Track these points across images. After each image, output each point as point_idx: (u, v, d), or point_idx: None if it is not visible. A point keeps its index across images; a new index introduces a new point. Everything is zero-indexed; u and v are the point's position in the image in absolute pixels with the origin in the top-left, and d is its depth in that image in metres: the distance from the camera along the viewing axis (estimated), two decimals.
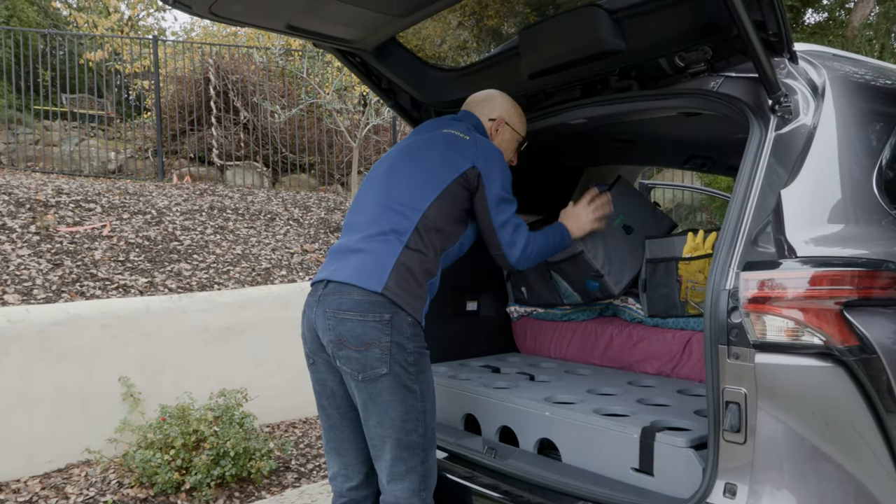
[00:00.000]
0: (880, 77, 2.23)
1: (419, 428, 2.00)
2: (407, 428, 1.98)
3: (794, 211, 1.73)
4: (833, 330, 1.57)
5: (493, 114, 2.47)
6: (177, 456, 3.85)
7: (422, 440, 2.01)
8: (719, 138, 3.45)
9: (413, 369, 1.99)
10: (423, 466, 2.03)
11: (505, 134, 2.48)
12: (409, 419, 1.98)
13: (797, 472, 1.60)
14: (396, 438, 1.98)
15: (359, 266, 2.03)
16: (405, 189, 2.16)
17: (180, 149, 10.08)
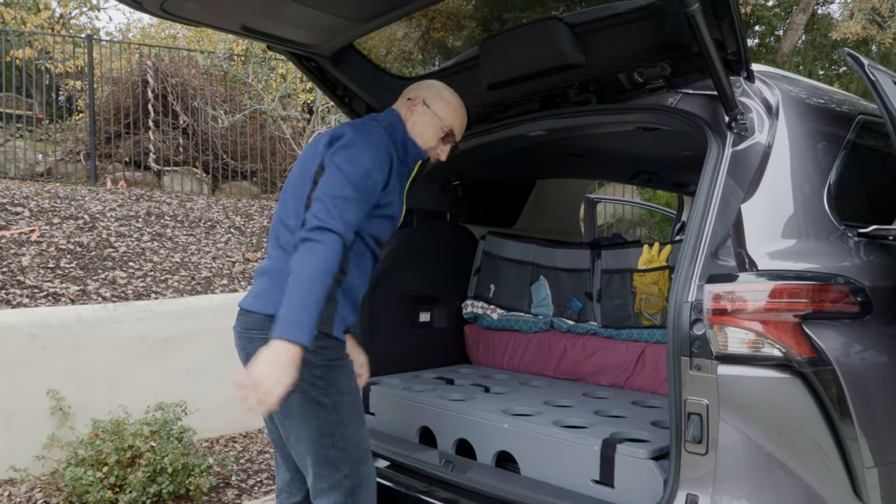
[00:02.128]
0: (825, 100, 2.32)
1: (337, 442, 1.93)
2: (323, 443, 1.92)
3: (753, 225, 1.77)
4: (792, 342, 1.61)
5: (412, 93, 2.22)
6: (110, 473, 3.66)
7: (341, 454, 1.94)
8: (666, 155, 3.54)
9: (322, 383, 1.92)
10: (348, 481, 1.95)
11: (423, 116, 2.16)
12: (325, 434, 1.92)
13: (757, 481, 1.63)
14: (314, 454, 1.93)
15: (258, 291, 2.04)
16: (290, 202, 2.09)
17: (115, 152, 9.70)
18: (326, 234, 1.81)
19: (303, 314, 1.73)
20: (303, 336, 1.71)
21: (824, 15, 13.26)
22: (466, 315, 3.32)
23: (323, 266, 1.78)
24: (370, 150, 1.96)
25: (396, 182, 2.07)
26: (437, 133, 2.18)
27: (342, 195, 1.87)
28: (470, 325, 3.36)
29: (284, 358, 1.68)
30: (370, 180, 1.93)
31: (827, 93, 2.42)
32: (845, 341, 1.75)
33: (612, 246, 2.88)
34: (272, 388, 1.67)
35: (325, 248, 1.80)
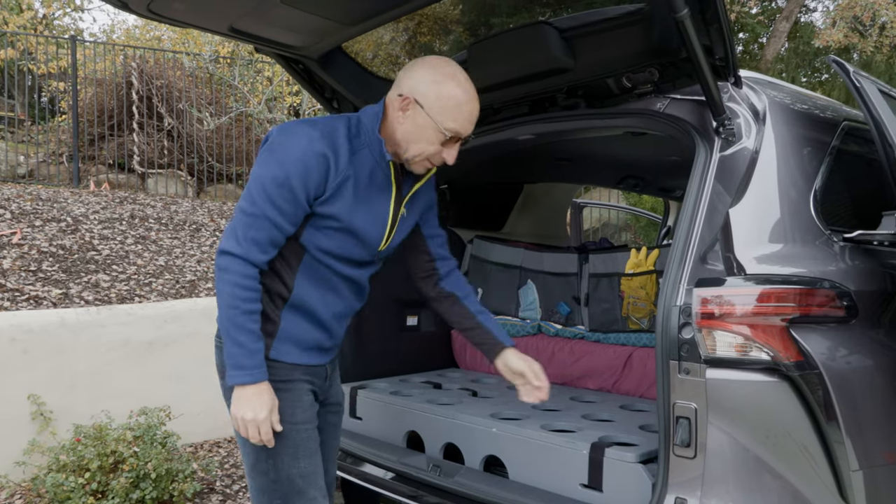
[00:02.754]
0: (810, 105, 2.34)
1: (269, 472, 1.81)
2: (258, 469, 1.82)
3: (741, 230, 1.78)
4: (779, 346, 1.62)
5: (404, 87, 1.80)
6: (92, 479, 3.62)
7: (272, 485, 1.81)
8: (652, 160, 3.56)
9: None
10: None
11: (416, 119, 1.78)
12: (259, 460, 1.82)
13: (744, 484, 1.64)
14: (250, 478, 1.86)
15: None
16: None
17: (98, 154, 9.61)
18: (225, 258, 1.74)
19: (237, 351, 1.71)
20: (246, 376, 1.71)
21: (807, 23, 13.44)
22: None
23: (230, 296, 1.71)
24: (289, 155, 1.72)
25: (352, 189, 1.79)
26: (435, 138, 1.79)
27: (249, 210, 1.74)
28: None
29: (245, 400, 1.72)
30: (286, 191, 1.72)
31: (811, 99, 2.44)
32: (831, 345, 1.77)
33: (600, 250, 2.89)
34: (252, 429, 1.72)
35: (227, 276, 1.72)
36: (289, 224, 1.76)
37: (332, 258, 1.84)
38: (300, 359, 1.87)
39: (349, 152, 1.79)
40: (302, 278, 1.84)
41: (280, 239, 1.77)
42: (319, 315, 1.88)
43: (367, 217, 1.85)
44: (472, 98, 1.83)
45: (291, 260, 1.83)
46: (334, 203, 1.78)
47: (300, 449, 1.83)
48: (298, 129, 1.78)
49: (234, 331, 1.71)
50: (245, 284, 1.72)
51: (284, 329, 1.84)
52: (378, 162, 1.83)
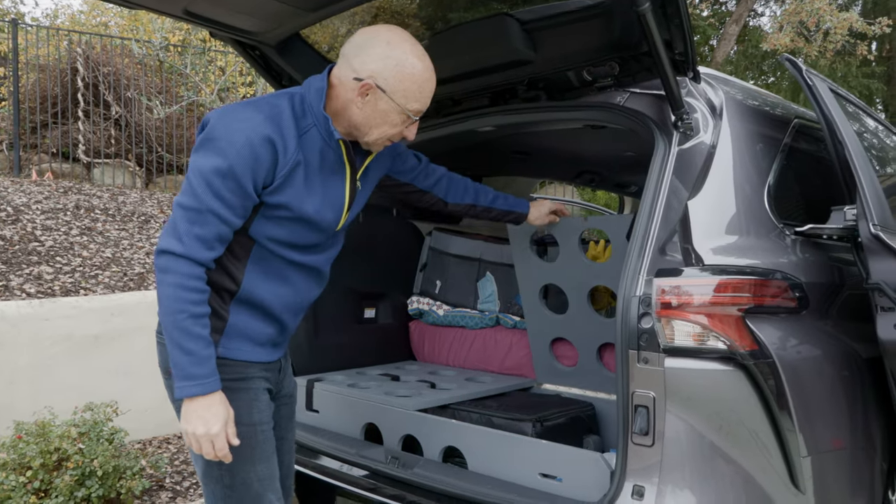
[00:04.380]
0: (761, 102, 2.40)
1: (223, 477, 1.70)
2: (211, 475, 1.71)
3: (698, 222, 1.82)
4: (735, 335, 1.65)
5: (363, 70, 1.65)
6: (34, 477, 3.48)
7: (227, 492, 1.70)
8: (609, 156, 3.60)
9: None
10: None
11: (377, 105, 1.67)
12: (211, 466, 1.70)
13: (700, 471, 1.67)
14: (203, 485, 1.75)
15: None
16: None
17: (41, 143, 9.26)
18: (166, 258, 1.57)
19: (185, 360, 1.56)
20: (195, 387, 1.56)
21: (755, 27, 13.81)
22: (412, 311, 3.30)
23: (174, 299, 1.55)
24: (232, 142, 1.57)
25: (303, 174, 1.67)
26: (398, 121, 1.71)
27: (190, 205, 1.58)
28: (415, 321, 3.34)
29: (195, 414, 1.57)
30: (230, 180, 1.57)
31: (763, 96, 2.50)
32: (783, 335, 1.81)
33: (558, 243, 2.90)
34: (206, 445, 1.58)
35: (168, 277, 1.56)
36: (236, 217, 1.62)
37: (284, 247, 1.73)
38: (253, 356, 1.76)
39: (297, 134, 1.66)
40: (251, 270, 1.71)
41: (227, 234, 1.63)
42: (271, 309, 1.76)
43: (320, 202, 1.73)
44: (432, 72, 1.74)
45: (239, 252, 1.70)
46: (284, 191, 1.65)
47: (257, 452, 1.72)
48: (239, 112, 1.63)
49: (181, 337, 1.55)
50: (190, 286, 1.56)
51: (233, 325, 1.71)
52: (327, 142, 1.70)
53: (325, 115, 1.68)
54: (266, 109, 1.64)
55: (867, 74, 12.81)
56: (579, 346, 2.65)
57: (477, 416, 2.42)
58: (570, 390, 2.78)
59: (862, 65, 12.62)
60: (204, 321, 1.59)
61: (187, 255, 1.57)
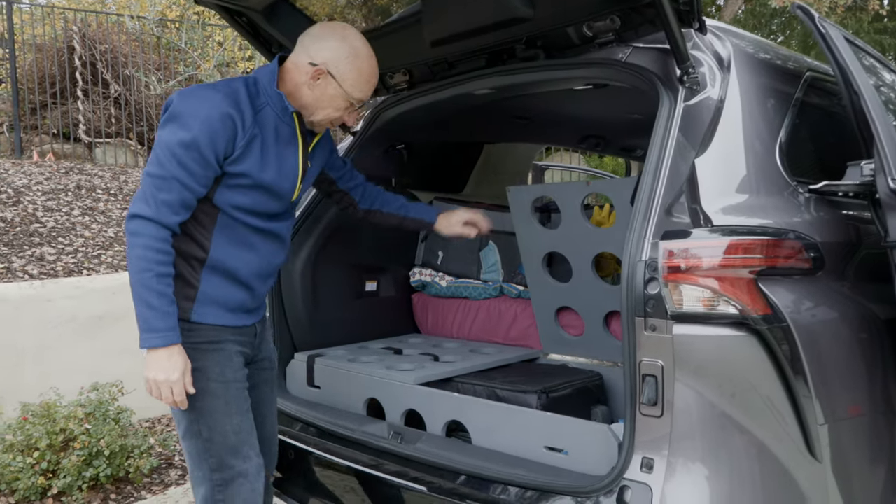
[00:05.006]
0: (773, 55, 2.28)
1: (202, 432, 1.85)
2: (191, 431, 1.86)
3: (707, 181, 1.72)
4: (747, 299, 1.57)
5: (318, 56, 1.88)
6: (42, 458, 3.48)
7: (206, 445, 1.85)
8: (614, 119, 3.49)
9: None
10: (215, 475, 1.86)
11: (327, 90, 1.89)
12: (192, 422, 1.85)
13: (711, 441, 1.60)
14: (184, 442, 1.89)
15: None
16: None
17: (41, 124, 9.18)
18: (136, 222, 1.73)
19: (149, 314, 1.71)
20: (157, 339, 1.72)
21: None
22: (414, 283, 3.23)
23: (142, 259, 1.71)
24: (195, 119, 1.74)
25: (260, 145, 1.84)
26: (342, 106, 1.93)
27: (157, 174, 1.75)
28: (418, 293, 3.27)
29: (157, 363, 1.73)
30: (194, 152, 1.74)
31: (774, 49, 2.38)
32: (797, 298, 1.73)
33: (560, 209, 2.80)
34: (165, 390, 1.75)
35: (138, 239, 1.72)
36: (199, 185, 1.78)
37: (247, 214, 1.88)
38: (226, 320, 1.90)
39: (252, 112, 1.84)
40: (218, 238, 1.86)
41: (191, 200, 1.79)
42: (240, 275, 1.90)
43: (277, 171, 1.90)
44: (376, 69, 1.98)
45: (206, 221, 1.85)
46: (244, 161, 1.82)
47: (232, 406, 1.87)
48: (200, 92, 1.82)
49: (146, 293, 1.70)
50: (157, 248, 1.72)
51: (205, 291, 1.86)
52: (281, 117, 1.89)
53: (278, 93, 1.89)
54: (223, 89, 1.83)
55: (879, 30, 12.47)
56: (585, 315, 2.58)
57: (481, 388, 2.36)
58: (577, 360, 2.72)
59: (874, 20, 12.29)
60: (168, 281, 1.74)
61: (155, 219, 1.72)
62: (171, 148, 1.74)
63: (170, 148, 1.74)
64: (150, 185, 1.75)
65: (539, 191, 2.73)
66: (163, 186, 1.73)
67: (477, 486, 1.88)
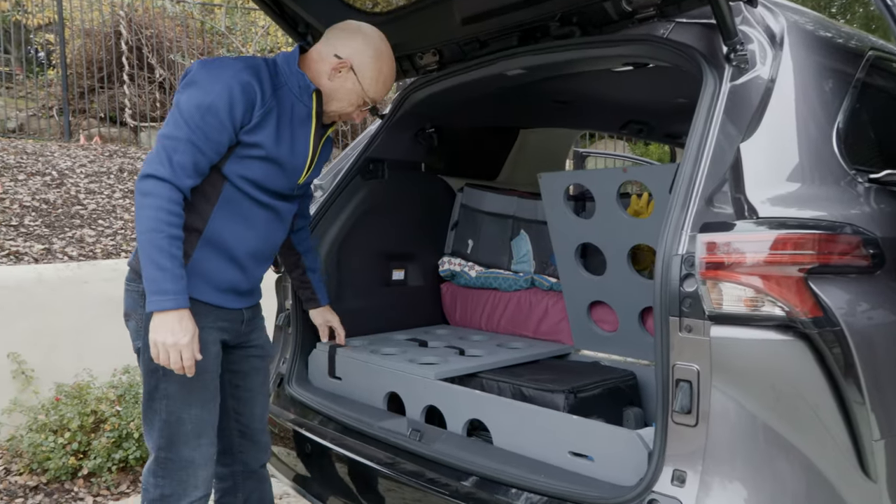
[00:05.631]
0: (833, 33, 2.09)
1: (160, 411, 1.84)
2: (152, 407, 1.86)
3: (753, 168, 1.57)
4: (796, 299, 1.41)
5: (343, 51, 1.91)
6: (73, 439, 3.50)
7: (162, 425, 1.85)
8: (657, 102, 3.31)
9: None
10: (161, 453, 1.87)
11: (346, 83, 1.92)
12: (154, 399, 1.85)
13: (752, 457, 1.45)
14: (143, 412, 1.89)
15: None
16: None
17: (89, 107, 9.35)
18: (150, 182, 1.70)
19: (159, 276, 1.67)
20: (168, 301, 1.68)
21: None
22: (443, 272, 3.12)
23: (154, 219, 1.68)
24: (214, 84, 1.74)
25: (276, 120, 1.84)
26: (357, 102, 1.96)
27: (173, 135, 1.72)
28: (447, 283, 3.16)
29: (166, 326, 1.68)
30: (212, 116, 1.73)
31: (833, 25, 2.19)
32: (853, 299, 1.56)
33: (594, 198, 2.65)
34: (174, 354, 1.69)
35: (151, 200, 1.69)
36: (213, 152, 1.77)
37: (254, 188, 1.87)
38: (213, 298, 1.87)
39: (271, 87, 1.84)
40: (220, 211, 1.84)
41: (204, 166, 1.77)
42: (234, 251, 1.88)
43: (290, 148, 1.90)
44: (394, 74, 2.03)
45: (209, 192, 1.83)
46: (259, 132, 1.81)
47: (194, 396, 1.85)
48: (222, 62, 1.83)
49: (157, 255, 1.67)
50: (170, 209, 1.70)
51: (195, 263, 1.83)
52: (298, 96, 1.90)
53: (300, 71, 1.90)
54: (245, 61, 1.84)
55: None
56: (619, 310, 2.43)
57: (506, 385, 2.25)
58: (610, 357, 2.57)
59: None
60: (178, 244, 1.71)
61: (171, 180, 1.70)
62: (189, 111, 1.73)
63: (188, 111, 1.73)
64: (164, 146, 1.72)
65: (572, 178, 2.59)
66: (178, 148, 1.71)
67: (494, 491, 1.76)
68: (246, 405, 2.10)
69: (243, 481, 2.15)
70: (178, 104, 1.76)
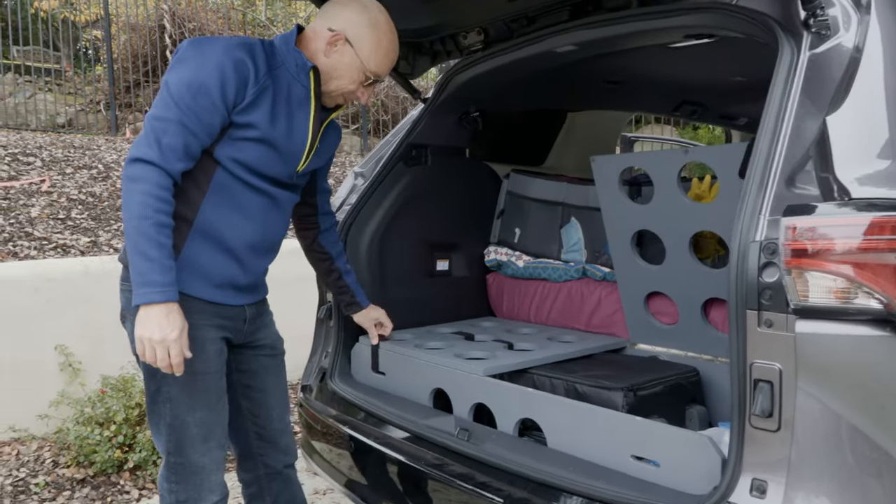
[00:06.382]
0: None
1: (165, 415, 1.76)
2: (153, 410, 1.78)
3: (841, 144, 1.40)
4: (894, 290, 1.25)
5: (336, 23, 1.80)
6: (118, 431, 3.49)
7: (168, 429, 1.76)
8: (715, 81, 3.12)
9: None
10: (171, 458, 1.79)
11: (343, 57, 1.80)
12: (156, 402, 1.77)
13: (841, 466, 1.30)
14: (148, 414, 1.81)
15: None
16: None
17: (135, 101, 9.48)
18: (138, 166, 1.59)
19: (147, 267, 1.56)
20: (156, 294, 1.56)
21: None
22: (489, 263, 2.99)
23: (142, 205, 1.56)
24: (205, 62, 1.63)
25: (271, 100, 1.73)
26: (357, 78, 1.83)
27: (162, 116, 1.62)
28: (493, 273, 3.04)
29: (152, 320, 1.57)
30: (203, 96, 1.62)
31: None
32: None
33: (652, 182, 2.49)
34: (161, 350, 1.58)
35: (138, 185, 1.57)
36: (205, 134, 1.66)
37: (249, 172, 1.75)
38: (209, 294, 1.75)
39: (267, 67, 1.74)
40: (212, 199, 1.72)
41: (195, 149, 1.66)
42: (229, 242, 1.76)
43: (287, 131, 1.78)
44: (396, 44, 1.88)
45: (200, 178, 1.71)
46: (253, 111, 1.70)
47: (196, 399, 1.75)
48: (214, 39, 1.73)
49: (145, 244, 1.56)
50: (160, 195, 1.58)
51: (187, 256, 1.71)
52: (296, 77, 1.79)
53: (296, 49, 1.79)
54: (239, 39, 1.74)
55: None
56: (680, 302, 2.27)
57: (559, 382, 2.12)
58: (669, 351, 2.42)
59: None
60: (167, 232, 1.60)
61: (159, 164, 1.59)
62: (178, 90, 1.62)
63: (178, 90, 1.62)
64: (153, 128, 1.61)
65: (628, 160, 2.43)
66: (168, 130, 1.61)
67: (551, 497, 1.64)
68: (261, 406, 2.01)
69: (268, 483, 2.06)
70: (166, 83, 1.65)
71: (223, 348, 1.82)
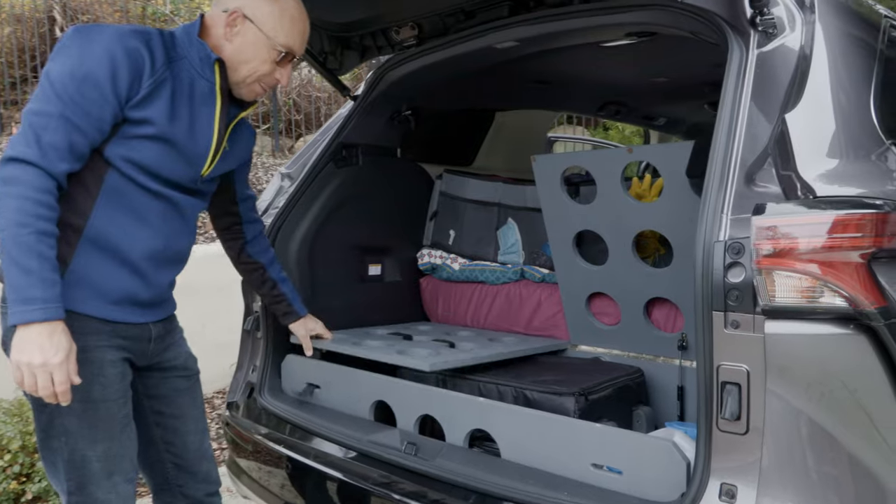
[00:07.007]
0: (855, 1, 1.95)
1: (61, 450, 1.56)
2: (46, 445, 1.58)
3: (801, 141, 1.40)
4: (859, 288, 1.25)
5: (230, 3, 1.65)
6: (14, 461, 3.18)
7: (66, 466, 1.57)
8: (638, 82, 3.15)
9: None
10: (73, 499, 1.59)
11: (247, 37, 1.65)
12: (48, 436, 1.57)
13: (809, 469, 1.29)
14: (41, 453, 1.61)
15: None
16: None
17: (21, 99, 8.78)
18: (14, 167, 1.40)
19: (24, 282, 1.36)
20: (36, 312, 1.36)
21: None
22: (423, 266, 2.90)
23: (19, 211, 1.38)
24: (93, 49, 1.46)
25: (170, 94, 1.57)
26: (268, 56, 1.66)
27: (43, 111, 1.43)
28: (427, 277, 2.95)
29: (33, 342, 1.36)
30: (90, 87, 1.45)
31: None
32: None
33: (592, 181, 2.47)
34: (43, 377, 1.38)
35: (15, 188, 1.39)
36: (93, 130, 1.48)
37: (145, 175, 1.57)
38: (105, 312, 1.56)
39: (165, 58, 1.57)
40: (104, 204, 1.54)
41: (82, 147, 1.48)
42: (126, 253, 1.58)
43: (188, 130, 1.62)
44: (304, 13, 1.72)
45: (89, 179, 1.52)
46: (149, 106, 1.53)
47: (98, 430, 1.56)
48: (103, 27, 1.55)
49: (22, 255, 1.36)
50: (39, 199, 1.40)
51: (76, 269, 1.52)
52: (200, 71, 1.63)
53: (199, 41, 1.64)
54: (132, 27, 1.58)
55: None
56: (622, 302, 2.26)
57: (507, 389, 2.05)
58: (611, 352, 2.41)
59: None
60: (51, 242, 1.41)
61: (39, 164, 1.41)
62: (61, 81, 1.44)
63: (60, 81, 1.44)
64: (32, 124, 1.43)
65: (570, 159, 2.40)
66: (49, 125, 1.42)
67: None
68: (175, 433, 1.82)
69: None
70: (47, 74, 1.46)
71: (126, 371, 1.64)
